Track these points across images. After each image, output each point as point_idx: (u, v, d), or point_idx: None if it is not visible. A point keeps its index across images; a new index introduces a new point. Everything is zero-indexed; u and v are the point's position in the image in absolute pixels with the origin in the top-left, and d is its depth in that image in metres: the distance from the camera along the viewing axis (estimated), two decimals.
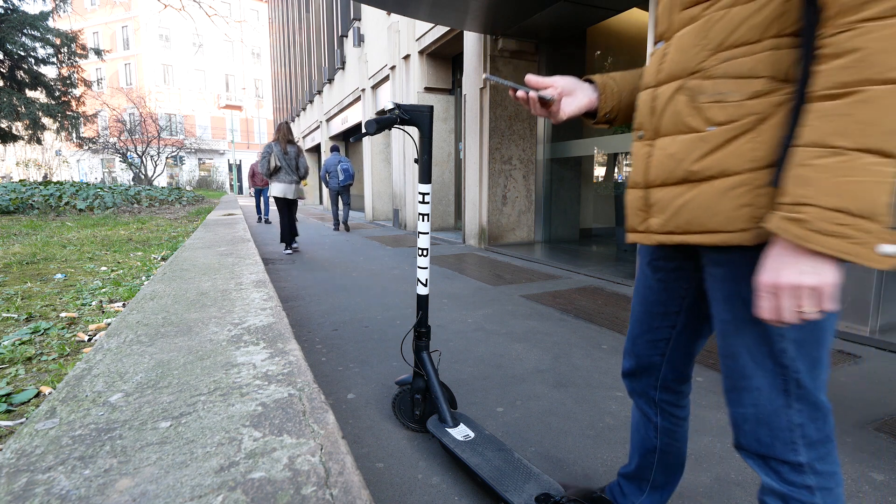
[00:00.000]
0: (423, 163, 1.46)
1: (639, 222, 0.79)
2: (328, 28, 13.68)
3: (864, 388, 1.94)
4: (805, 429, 0.68)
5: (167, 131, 31.49)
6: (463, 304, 3.32)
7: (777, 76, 0.60)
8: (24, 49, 13.91)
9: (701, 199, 0.67)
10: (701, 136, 0.66)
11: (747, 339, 0.69)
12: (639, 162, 0.78)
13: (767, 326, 0.67)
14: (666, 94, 0.72)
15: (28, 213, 8.89)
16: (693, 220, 0.68)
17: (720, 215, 0.65)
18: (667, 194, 0.72)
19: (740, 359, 0.71)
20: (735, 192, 0.63)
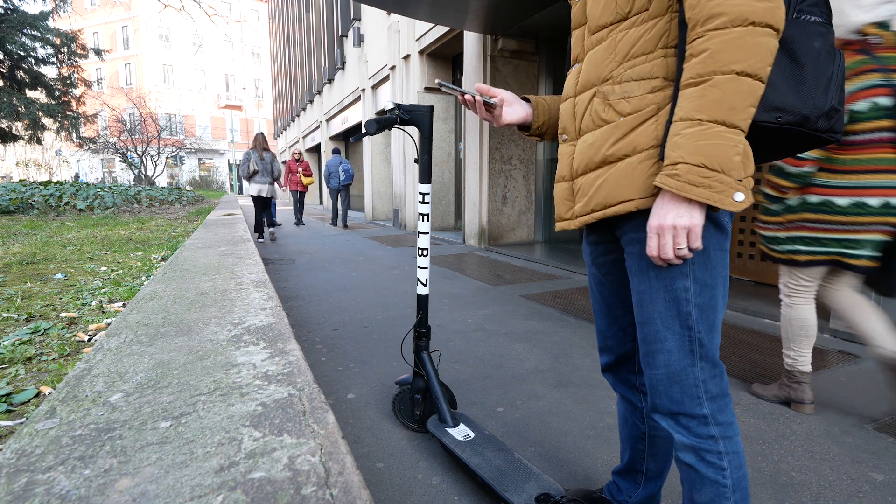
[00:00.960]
0: (423, 163, 1.46)
1: (565, 210, 0.92)
2: (328, 28, 13.68)
3: (864, 388, 1.94)
4: (707, 384, 0.81)
5: (167, 131, 31.49)
6: (463, 304, 3.31)
7: (668, 76, 0.78)
8: (24, 49, 13.90)
9: (616, 173, 0.81)
10: (614, 125, 0.82)
11: (659, 306, 0.81)
12: (564, 160, 0.93)
13: (676, 293, 0.79)
14: (584, 100, 0.88)
15: (28, 213, 8.89)
16: (610, 194, 0.81)
17: (633, 184, 0.79)
18: (588, 179, 0.86)
19: (654, 324, 0.82)
20: (644, 164, 0.78)
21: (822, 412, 1.74)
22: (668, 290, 0.80)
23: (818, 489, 1.30)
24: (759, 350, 2.38)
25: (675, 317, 0.80)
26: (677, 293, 0.79)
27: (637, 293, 0.84)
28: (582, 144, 0.87)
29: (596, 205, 0.83)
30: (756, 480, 1.34)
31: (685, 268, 0.78)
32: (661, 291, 0.80)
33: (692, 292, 0.79)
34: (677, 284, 0.79)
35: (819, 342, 2.50)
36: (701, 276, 0.79)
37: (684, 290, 0.79)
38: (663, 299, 0.80)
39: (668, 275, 0.79)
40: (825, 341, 2.52)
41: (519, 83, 6.12)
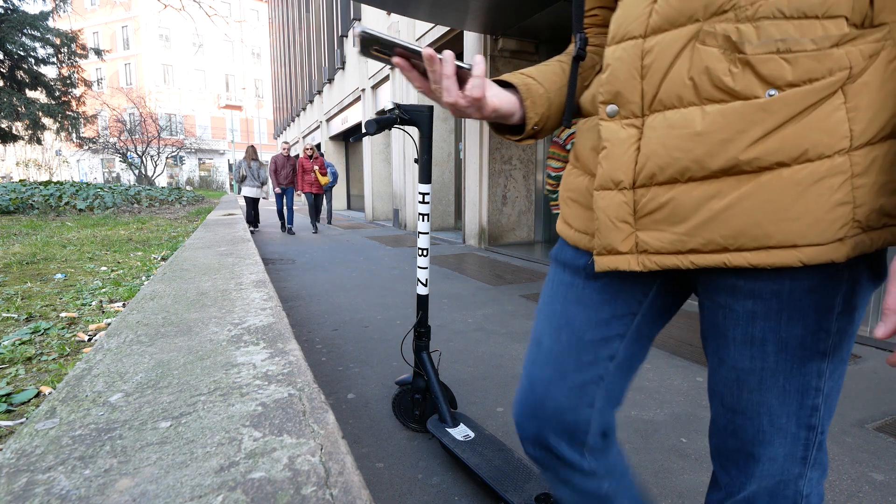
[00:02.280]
0: (423, 163, 1.46)
1: (621, 239, 0.56)
2: (328, 28, 13.68)
3: (864, 388, 1.94)
4: (810, 499, 0.57)
5: (167, 131, 31.51)
6: (463, 304, 3.31)
7: (856, 18, 0.44)
8: (24, 49, 13.90)
9: (763, 197, 0.47)
10: (759, 105, 0.46)
11: (772, 397, 0.54)
12: (617, 151, 0.55)
13: (805, 380, 0.53)
14: (672, 47, 0.50)
15: (28, 213, 8.89)
16: (747, 229, 0.48)
17: (801, 220, 0.46)
18: (689, 195, 0.50)
19: (758, 419, 0.56)
20: (824, 184, 0.45)
21: None
22: (793, 377, 0.53)
23: None
24: None
25: (793, 413, 0.54)
26: (806, 380, 0.53)
27: (735, 370, 0.56)
28: (669, 130, 0.50)
29: (709, 242, 0.50)
30: None
31: (824, 343, 0.51)
32: (780, 377, 0.53)
33: (826, 378, 0.53)
34: (809, 368, 0.52)
35: None
36: (841, 352, 0.53)
37: (817, 375, 0.52)
38: (782, 389, 0.53)
39: (797, 354, 0.52)
40: None
41: None
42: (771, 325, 0.52)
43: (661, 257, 0.54)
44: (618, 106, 0.54)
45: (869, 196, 0.45)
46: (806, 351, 0.52)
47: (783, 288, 0.50)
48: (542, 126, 0.67)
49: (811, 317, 0.50)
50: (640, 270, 0.56)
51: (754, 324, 0.53)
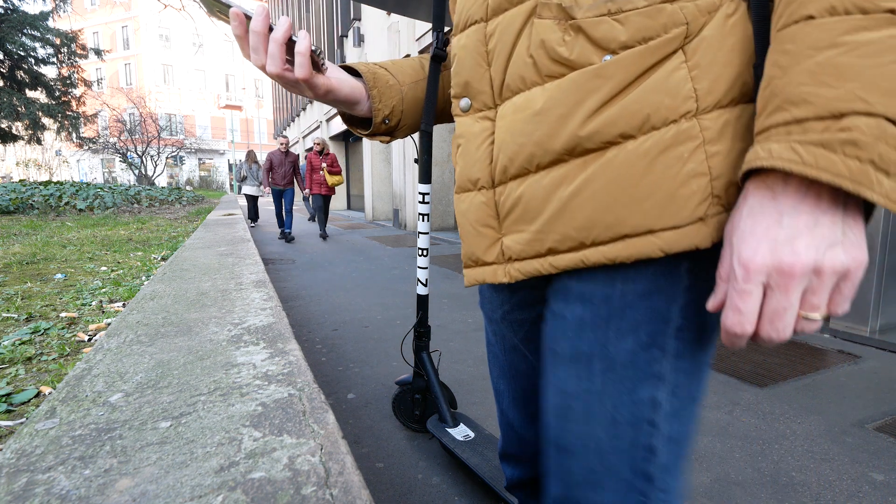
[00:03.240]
0: (423, 163, 1.46)
1: (485, 248, 0.49)
2: (328, 28, 13.68)
3: (864, 388, 1.94)
4: None
5: (167, 131, 31.51)
6: (463, 304, 3.31)
7: None
8: (24, 49, 13.91)
9: (610, 175, 0.40)
10: (592, 72, 0.40)
11: (599, 429, 0.44)
12: (472, 146, 0.49)
13: (636, 409, 0.42)
14: (512, 26, 0.45)
15: (28, 213, 8.90)
16: (598, 217, 0.41)
17: (652, 197, 0.39)
18: (537, 186, 0.44)
19: (585, 457, 0.45)
20: (673, 152, 0.38)
21: (823, 412, 1.74)
22: (623, 404, 0.43)
23: (818, 489, 1.30)
24: (758, 350, 2.38)
25: (625, 451, 0.43)
26: (638, 410, 0.42)
27: (562, 394, 0.46)
28: (516, 116, 0.45)
29: (563, 239, 0.43)
30: (756, 480, 1.34)
31: (658, 365, 0.42)
32: (608, 403, 0.43)
33: (663, 412, 0.42)
34: (640, 395, 0.42)
35: (819, 342, 2.50)
36: (685, 384, 0.43)
37: (651, 405, 0.42)
38: (611, 419, 0.43)
39: (627, 374, 0.42)
40: (825, 341, 2.52)
41: None
42: (598, 337, 0.43)
43: (523, 263, 0.46)
44: (469, 98, 0.50)
45: (726, 166, 0.38)
46: (636, 371, 0.42)
47: (614, 291, 0.42)
48: (395, 121, 0.63)
49: (643, 329, 0.41)
50: (508, 282, 0.48)
51: (582, 335, 0.44)
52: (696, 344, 0.43)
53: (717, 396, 1.86)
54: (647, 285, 0.41)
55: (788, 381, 2.01)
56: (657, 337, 0.42)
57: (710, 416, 1.71)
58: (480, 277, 0.50)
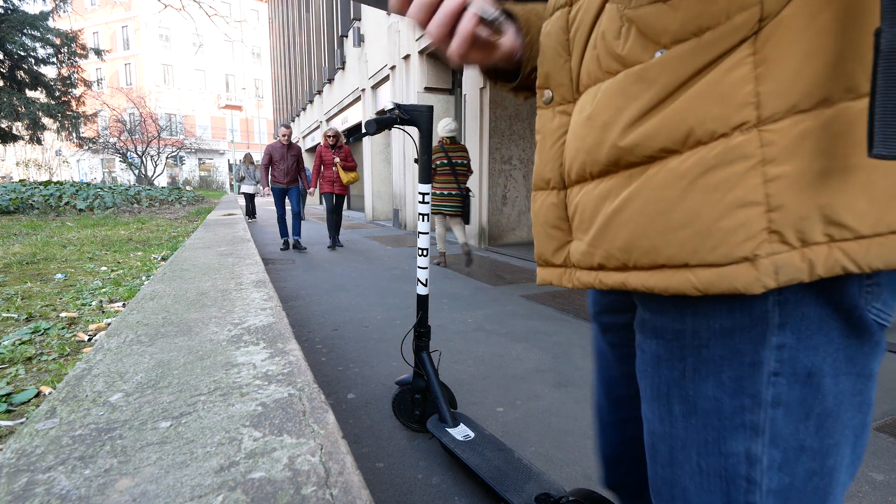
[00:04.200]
0: (423, 163, 1.46)
1: (553, 250, 0.46)
2: (328, 28, 13.68)
3: None
4: None
5: (167, 131, 31.51)
6: (463, 304, 3.31)
7: None
8: (24, 49, 13.91)
9: (648, 196, 0.35)
10: (638, 74, 0.35)
11: (685, 478, 0.39)
12: (547, 143, 0.45)
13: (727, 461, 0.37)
14: (590, 11, 0.39)
15: (28, 213, 8.89)
16: (636, 241, 0.36)
17: (688, 227, 0.33)
18: (589, 196, 0.40)
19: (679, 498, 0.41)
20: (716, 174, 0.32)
21: None
22: (710, 454, 0.38)
23: None
24: None
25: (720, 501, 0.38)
26: (730, 464, 0.37)
27: (650, 434, 0.43)
28: (577, 115, 0.41)
29: (608, 257, 0.39)
30: None
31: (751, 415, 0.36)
32: (692, 452, 0.39)
33: (763, 468, 0.36)
34: (732, 447, 0.37)
35: None
36: (791, 429, 0.36)
37: (746, 461, 0.37)
38: (696, 468, 0.39)
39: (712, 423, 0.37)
40: None
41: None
42: (675, 377, 0.39)
43: (581, 273, 0.42)
44: (551, 90, 0.45)
45: (794, 193, 0.30)
46: (722, 420, 0.36)
47: (685, 327, 0.37)
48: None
49: (726, 373, 0.36)
50: (570, 287, 0.45)
51: (659, 372, 0.40)
52: (813, 391, 0.35)
53: None
54: (723, 322, 0.35)
55: None
56: (746, 383, 0.35)
57: None
58: (548, 279, 0.47)
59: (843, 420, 0.36)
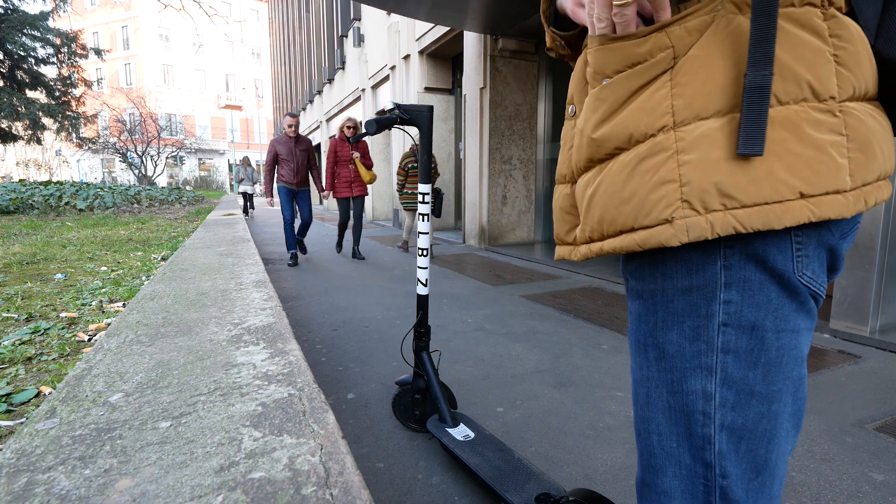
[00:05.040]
0: (424, 163, 1.46)
1: (566, 231, 0.56)
2: (328, 28, 13.68)
3: (864, 388, 1.94)
4: None
5: (167, 131, 31.51)
6: (463, 304, 3.31)
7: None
8: (24, 49, 13.91)
9: (608, 181, 0.47)
10: (595, 95, 0.48)
11: (658, 413, 0.49)
12: (566, 149, 0.57)
13: (688, 398, 0.46)
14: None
15: (28, 213, 8.89)
16: (604, 215, 0.48)
17: (631, 201, 0.45)
18: (579, 186, 0.53)
19: (648, 440, 0.50)
20: (647, 162, 0.44)
21: (823, 412, 1.74)
22: (676, 392, 0.47)
23: (818, 489, 1.30)
24: None
25: (684, 439, 0.47)
26: (690, 401, 0.46)
27: (633, 381, 0.53)
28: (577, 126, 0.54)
29: (591, 230, 0.50)
30: None
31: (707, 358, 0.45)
32: (664, 390, 0.48)
33: (716, 404, 0.45)
34: (691, 385, 0.46)
35: (819, 342, 2.50)
36: (742, 377, 0.45)
37: (703, 397, 0.46)
38: (667, 405, 0.48)
39: (676, 364, 0.47)
40: (825, 341, 2.52)
41: (519, 83, 6.12)
42: (649, 328, 0.49)
43: (580, 248, 0.53)
44: (574, 106, 0.55)
45: (697, 173, 0.41)
46: (685, 362, 0.46)
47: (657, 287, 0.48)
48: None
49: (686, 322, 0.46)
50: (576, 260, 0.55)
51: (640, 326, 0.51)
52: (755, 338, 0.44)
53: None
54: (684, 282, 0.46)
55: None
56: (702, 331, 0.45)
57: None
58: (562, 254, 0.58)
59: (784, 371, 0.45)
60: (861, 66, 0.41)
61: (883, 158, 0.42)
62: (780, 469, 0.47)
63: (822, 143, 0.40)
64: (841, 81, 0.40)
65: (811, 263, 0.44)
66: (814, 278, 0.44)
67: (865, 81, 0.41)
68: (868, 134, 0.41)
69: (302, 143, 4.90)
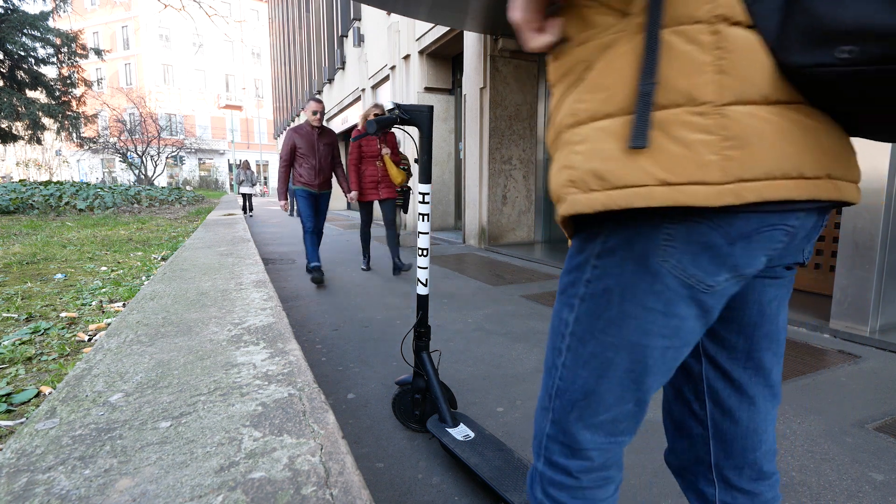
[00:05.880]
0: (423, 163, 1.46)
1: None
2: (328, 28, 13.68)
3: (864, 388, 1.94)
4: (550, 445, 0.63)
5: (167, 131, 31.51)
6: (463, 304, 3.31)
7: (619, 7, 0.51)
8: (24, 49, 13.91)
9: (552, 168, 0.60)
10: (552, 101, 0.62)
11: (550, 328, 0.65)
12: None
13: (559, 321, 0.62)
14: None
15: (28, 213, 8.89)
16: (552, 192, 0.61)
17: (552, 181, 0.58)
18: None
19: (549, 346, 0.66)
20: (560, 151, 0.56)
21: (823, 412, 1.74)
22: (554, 316, 0.63)
23: (818, 489, 1.30)
24: None
25: (550, 348, 0.63)
26: (558, 323, 0.62)
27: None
28: None
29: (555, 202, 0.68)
30: None
31: (574, 297, 0.59)
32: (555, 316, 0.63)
33: (570, 330, 0.60)
34: (562, 314, 0.61)
35: (819, 342, 2.50)
36: (583, 316, 0.58)
37: (564, 323, 0.60)
38: (552, 324, 0.64)
39: (562, 297, 0.62)
40: (825, 341, 2.52)
41: (519, 83, 6.12)
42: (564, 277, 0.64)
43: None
44: None
45: (582, 161, 0.52)
46: (564, 299, 0.61)
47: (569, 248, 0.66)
48: None
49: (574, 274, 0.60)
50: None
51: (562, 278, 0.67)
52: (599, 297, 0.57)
53: None
54: (578, 245, 0.59)
55: (788, 381, 2.01)
56: (577, 281, 0.59)
57: None
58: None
59: (623, 332, 0.55)
60: (747, 73, 0.45)
61: (780, 157, 0.45)
62: (608, 402, 0.58)
63: (691, 141, 0.45)
64: (721, 88, 0.45)
65: (680, 255, 0.50)
66: (683, 269, 0.51)
67: (758, 87, 0.45)
68: (751, 134, 0.45)
69: (326, 136, 4.04)
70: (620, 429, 0.60)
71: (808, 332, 2.68)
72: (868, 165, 2.43)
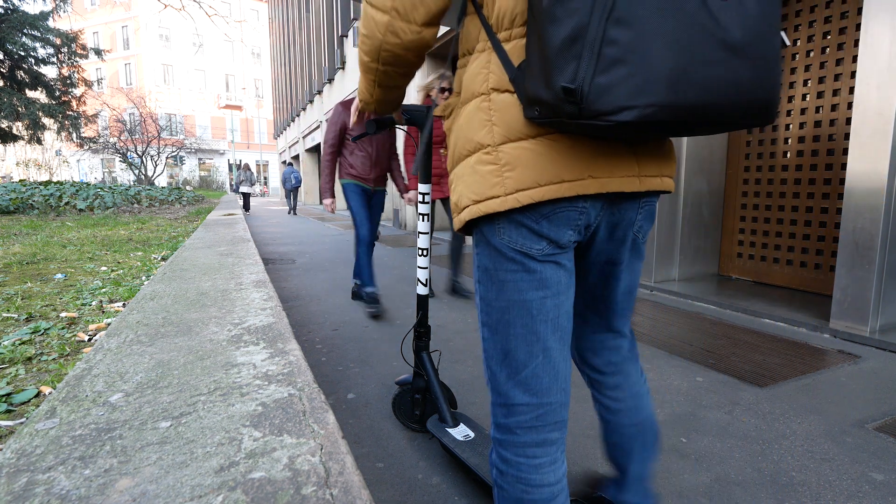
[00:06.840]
0: (424, 163, 1.46)
1: None
2: (328, 28, 13.68)
3: (864, 388, 1.94)
4: (495, 409, 0.80)
5: (167, 131, 31.50)
6: (463, 303, 3.31)
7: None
8: (24, 49, 13.90)
9: None
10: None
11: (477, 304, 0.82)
12: None
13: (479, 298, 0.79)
14: None
15: (28, 213, 8.89)
16: None
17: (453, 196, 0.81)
18: None
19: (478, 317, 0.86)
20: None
21: (823, 412, 1.74)
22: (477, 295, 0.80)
23: (818, 489, 1.30)
24: (758, 350, 2.38)
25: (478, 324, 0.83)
26: (477, 303, 0.80)
27: None
28: None
29: None
30: (756, 480, 1.34)
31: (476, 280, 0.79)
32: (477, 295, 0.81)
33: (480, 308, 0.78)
34: (477, 295, 0.80)
35: (819, 342, 2.50)
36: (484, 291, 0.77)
37: (478, 303, 0.79)
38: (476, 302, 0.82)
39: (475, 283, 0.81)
40: (825, 341, 2.52)
41: None
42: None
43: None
44: None
45: (463, 185, 0.73)
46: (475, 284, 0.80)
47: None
48: None
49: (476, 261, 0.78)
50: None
51: None
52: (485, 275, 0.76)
53: (717, 396, 1.86)
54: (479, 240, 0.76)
55: (788, 381, 2.01)
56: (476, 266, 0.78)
57: (710, 415, 1.71)
58: None
59: (507, 292, 0.73)
60: (511, 122, 0.67)
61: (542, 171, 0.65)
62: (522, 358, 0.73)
63: (483, 172, 0.69)
64: (495, 134, 0.68)
65: (509, 234, 0.70)
66: (510, 241, 0.71)
67: (517, 129, 0.66)
68: (517, 160, 0.66)
69: (384, 137, 3.15)
70: (543, 385, 0.73)
71: (808, 332, 2.68)
72: (868, 166, 2.43)
